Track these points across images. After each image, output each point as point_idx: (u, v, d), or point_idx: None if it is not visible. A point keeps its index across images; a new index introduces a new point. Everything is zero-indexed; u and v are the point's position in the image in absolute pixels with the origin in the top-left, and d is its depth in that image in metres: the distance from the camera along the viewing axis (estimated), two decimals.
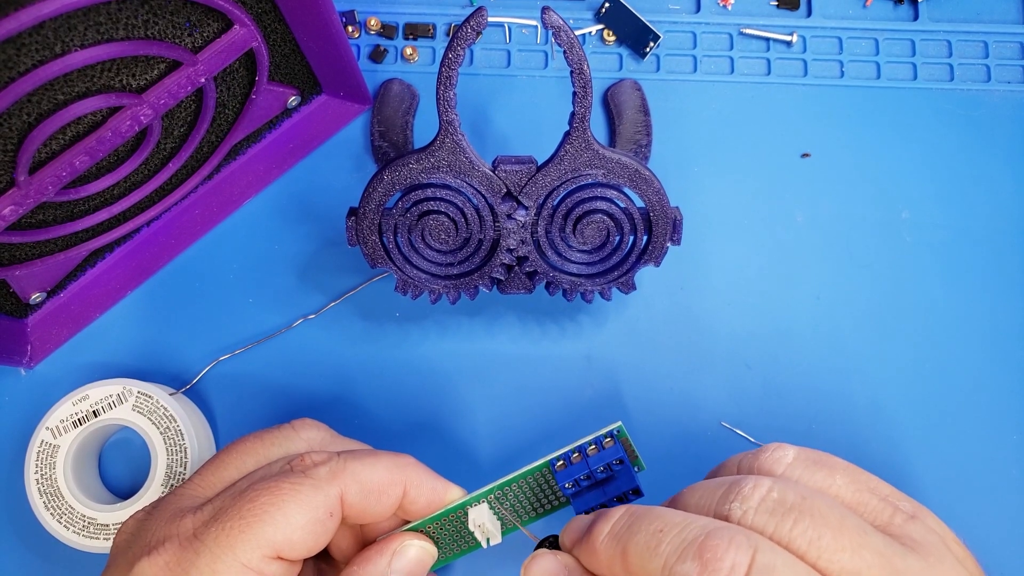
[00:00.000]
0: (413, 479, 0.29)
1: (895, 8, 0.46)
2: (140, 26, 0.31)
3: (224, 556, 0.25)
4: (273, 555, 0.26)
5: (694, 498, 0.25)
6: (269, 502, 0.26)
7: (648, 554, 0.22)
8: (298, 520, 0.26)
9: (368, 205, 0.34)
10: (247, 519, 0.25)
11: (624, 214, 0.34)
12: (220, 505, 0.26)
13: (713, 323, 0.41)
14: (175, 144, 0.37)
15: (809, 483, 0.25)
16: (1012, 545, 0.39)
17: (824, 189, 0.43)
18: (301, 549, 0.26)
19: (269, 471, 0.28)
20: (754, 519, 0.23)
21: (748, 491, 0.23)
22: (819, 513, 0.23)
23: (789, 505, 0.23)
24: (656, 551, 0.22)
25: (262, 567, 0.25)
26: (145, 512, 0.29)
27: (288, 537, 0.26)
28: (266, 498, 0.26)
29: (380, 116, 0.42)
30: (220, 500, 0.27)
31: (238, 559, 0.25)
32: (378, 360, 0.41)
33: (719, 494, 0.24)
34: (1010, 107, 0.44)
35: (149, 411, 0.37)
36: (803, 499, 0.23)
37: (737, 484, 0.24)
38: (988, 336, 0.41)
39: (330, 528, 0.27)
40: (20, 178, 0.31)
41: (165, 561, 0.25)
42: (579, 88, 0.31)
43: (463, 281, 0.36)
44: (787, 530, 0.22)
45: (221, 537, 0.25)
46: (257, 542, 0.25)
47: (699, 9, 0.45)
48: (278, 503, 0.26)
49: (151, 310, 0.41)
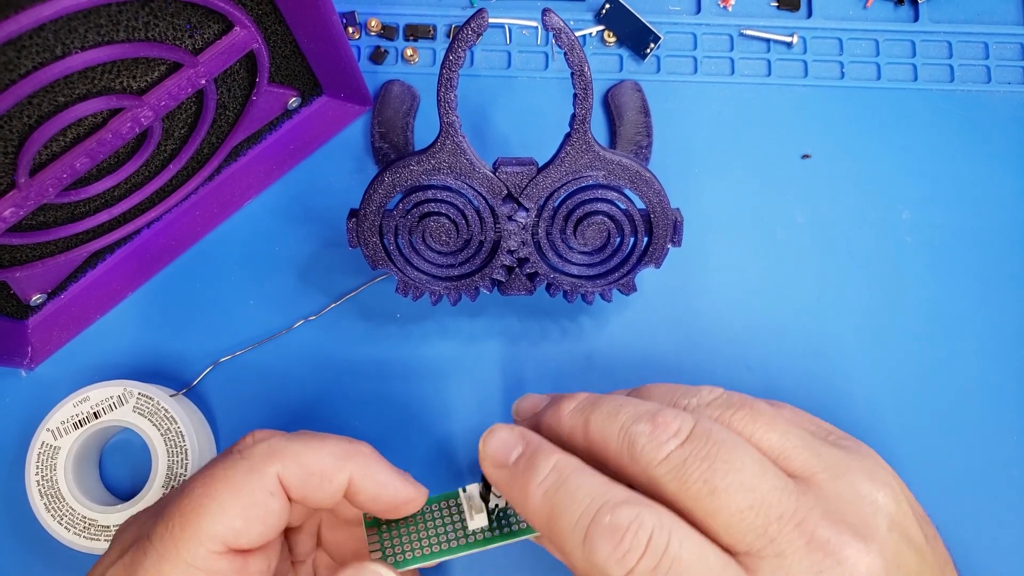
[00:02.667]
0: (361, 468, 0.28)
1: (895, 9, 0.46)
2: (140, 28, 0.31)
3: (168, 555, 0.24)
4: (221, 549, 0.25)
5: (658, 392, 0.29)
6: (203, 493, 0.25)
7: (608, 420, 0.26)
8: (234, 507, 0.25)
9: (369, 207, 0.34)
10: (185, 515, 0.25)
11: (625, 215, 0.34)
12: (164, 501, 0.26)
13: (714, 324, 0.41)
14: (176, 146, 0.37)
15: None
16: (1012, 545, 0.39)
17: (824, 190, 0.43)
18: (250, 536, 0.25)
19: (210, 463, 0.27)
20: (704, 410, 0.27)
21: (704, 393, 0.28)
22: (756, 408, 0.27)
23: (734, 402, 0.27)
24: (615, 418, 0.26)
25: (210, 563, 0.25)
26: (132, 518, 0.29)
27: (229, 526, 0.25)
28: (200, 490, 0.25)
29: (381, 117, 0.42)
30: (166, 498, 0.27)
31: (182, 558, 0.24)
32: (379, 361, 0.41)
33: (679, 392, 0.28)
34: (1010, 108, 0.44)
35: (150, 412, 0.37)
36: (744, 398, 0.27)
37: (695, 388, 0.28)
38: (988, 337, 0.41)
39: (275, 509, 0.26)
40: (21, 180, 0.31)
41: (124, 565, 0.25)
42: (580, 90, 0.31)
43: (464, 282, 0.36)
44: (728, 416, 0.27)
45: (166, 536, 0.25)
46: (199, 538, 0.25)
47: (699, 10, 0.45)
48: (211, 493, 0.25)
49: (152, 311, 0.41)
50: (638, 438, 0.25)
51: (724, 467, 0.24)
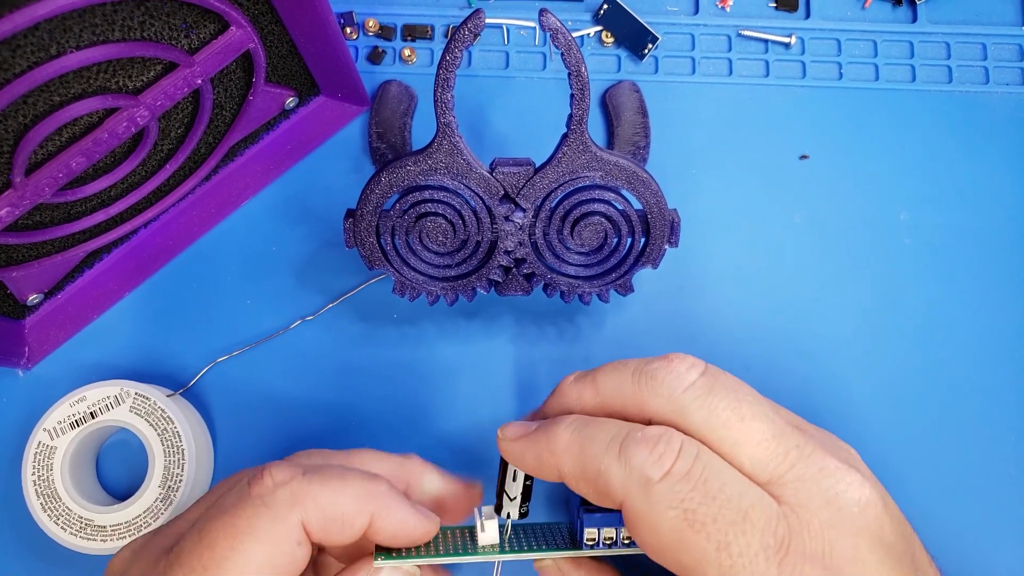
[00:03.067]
0: (381, 510, 0.27)
1: (893, 10, 0.46)
2: (136, 27, 0.31)
3: None
4: None
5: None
6: (228, 547, 0.24)
7: (617, 370, 0.28)
8: (260, 559, 0.25)
9: (366, 207, 0.34)
10: (208, 568, 0.24)
11: (622, 216, 0.34)
12: (181, 548, 0.25)
13: (711, 325, 0.41)
14: (172, 145, 0.37)
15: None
16: (1012, 545, 0.39)
17: (823, 191, 0.43)
18: None
19: (225, 500, 0.27)
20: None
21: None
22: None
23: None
24: (624, 367, 0.28)
25: None
26: (131, 550, 0.28)
27: None
28: (224, 542, 0.25)
29: (378, 118, 0.42)
30: (183, 542, 0.26)
31: None
32: (376, 361, 0.40)
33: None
34: (1008, 109, 0.44)
35: (147, 412, 0.37)
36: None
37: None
38: (987, 337, 0.41)
39: (300, 556, 0.26)
40: (16, 179, 0.31)
41: None
42: (577, 90, 0.31)
43: (461, 283, 0.36)
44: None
45: None
46: None
47: (697, 11, 0.45)
48: (236, 546, 0.24)
49: (149, 311, 0.41)
50: (657, 372, 0.27)
51: (749, 398, 0.27)
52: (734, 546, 0.24)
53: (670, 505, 0.25)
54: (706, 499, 0.25)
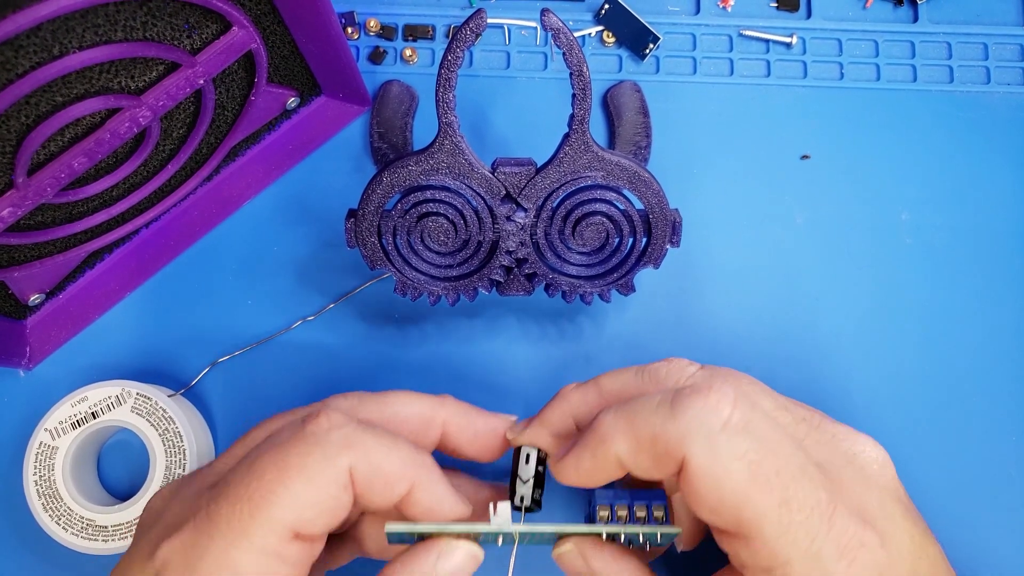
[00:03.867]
0: (423, 482, 0.27)
1: (895, 10, 0.46)
2: (139, 28, 0.31)
3: (239, 542, 0.24)
4: (289, 536, 0.24)
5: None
6: (276, 479, 0.24)
7: (619, 373, 0.30)
8: (307, 498, 0.25)
9: (367, 207, 0.34)
10: (255, 500, 0.24)
11: (623, 216, 0.34)
12: (229, 480, 0.25)
13: (712, 325, 0.41)
14: (174, 146, 0.37)
15: None
16: (1010, 543, 0.39)
17: (824, 191, 0.43)
18: (318, 525, 0.25)
19: (279, 436, 0.26)
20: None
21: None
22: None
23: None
24: (625, 370, 0.30)
25: (280, 549, 0.24)
26: (171, 489, 0.28)
27: (300, 516, 0.24)
28: (272, 475, 0.25)
29: (379, 118, 0.42)
30: (231, 474, 0.26)
31: (254, 545, 0.24)
32: (377, 361, 0.40)
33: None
34: (1010, 109, 0.44)
35: (148, 412, 0.37)
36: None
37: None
38: (988, 337, 0.41)
39: (345, 502, 0.26)
40: (19, 180, 0.31)
41: (182, 543, 0.24)
42: (578, 90, 0.31)
43: (462, 283, 0.36)
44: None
45: (233, 520, 0.24)
46: (271, 525, 0.24)
47: (699, 11, 0.45)
48: (285, 480, 0.24)
49: (150, 311, 0.41)
50: (658, 370, 0.29)
51: (746, 380, 0.29)
52: (794, 502, 0.24)
53: (735, 456, 0.24)
54: (768, 452, 0.24)
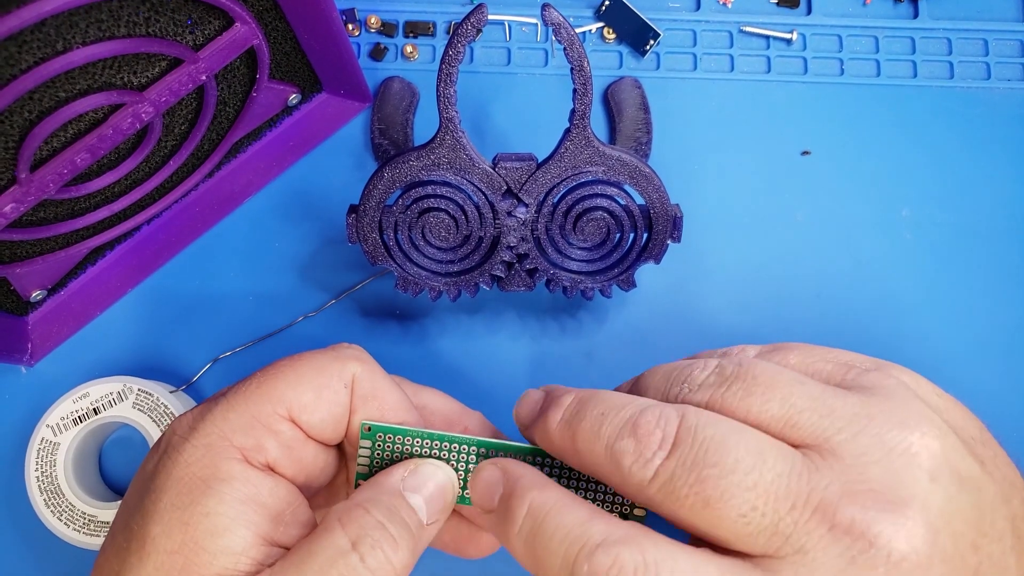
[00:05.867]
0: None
1: (895, 6, 0.46)
2: (141, 23, 0.31)
3: (237, 406, 0.25)
4: (285, 414, 0.26)
5: (653, 380, 0.27)
6: (286, 365, 0.27)
7: (593, 437, 0.24)
8: (310, 382, 0.26)
9: (368, 202, 0.34)
10: (261, 380, 0.26)
11: (624, 211, 0.34)
12: (245, 378, 0.27)
13: (713, 320, 0.41)
14: (176, 142, 0.37)
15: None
16: None
17: (824, 187, 0.43)
18: (313, 416, 0.26)
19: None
20: (695, 396, 0.24)
21: (696, 374, 0.25)
22: (751, 376, 0.24)
23: (726, 376, 0.24)
24: (599, 433, 0.24)
25: (272, 422, 0.25)
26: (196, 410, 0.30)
27: (299, 397, 0.26)
28: (284, 363, 0.27)
29: (380, 114, 0.42)
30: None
31: (249, 411, 0.25)
32: (378, 357, 0.40)
33: (672, 376, 0.26)
34: (1010, 105, 0.44)
35: (149, 409, 0.37)
36: (739, 367, 0.24)
37: (688, 368, 0.25)
38: (989, 333, 0.41)
39: (343, 402, 0.27)
40: (21, 175, 0.31)
41: (194, 413, 0.26)
42: (579, 85, 0.31)
43: (463, 278, 0.36)
44: (720, 396, 0.24)
45: (239, 395, 0.26)
46: (269, 396, 0.26)
47: (699, 7, 0.45)
48: (294, 365, 0.26)
49: (152, 308, 0.41)
50: (623, 458, 0.23)
51: (714, 472, 0.21)
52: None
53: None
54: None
